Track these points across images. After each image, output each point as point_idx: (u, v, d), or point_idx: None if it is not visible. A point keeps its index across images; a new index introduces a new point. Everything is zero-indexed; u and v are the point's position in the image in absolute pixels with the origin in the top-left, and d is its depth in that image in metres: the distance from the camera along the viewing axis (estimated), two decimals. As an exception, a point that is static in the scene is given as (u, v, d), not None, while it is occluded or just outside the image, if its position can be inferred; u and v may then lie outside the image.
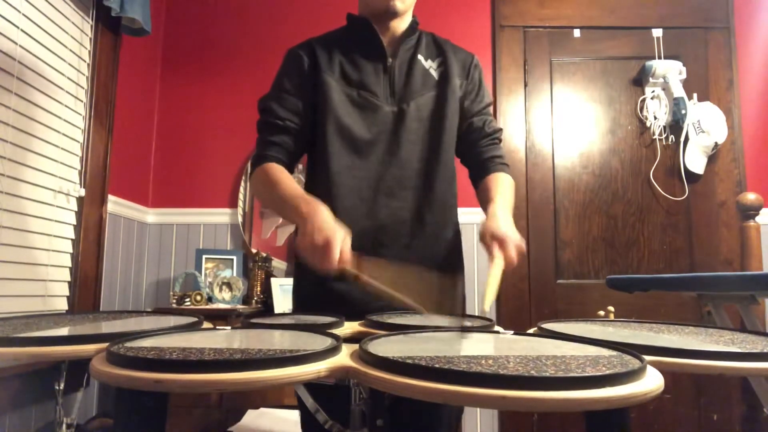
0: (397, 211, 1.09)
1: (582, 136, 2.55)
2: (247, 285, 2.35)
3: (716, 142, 2.44)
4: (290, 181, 1.04)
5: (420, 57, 1.17)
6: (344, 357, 0.59)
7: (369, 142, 1.09)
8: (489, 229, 0.95)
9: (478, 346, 0.67)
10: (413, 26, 1.18)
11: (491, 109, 1.24)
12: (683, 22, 2.58)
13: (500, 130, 1.22)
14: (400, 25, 1.16)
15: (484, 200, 1.12)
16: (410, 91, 1.13)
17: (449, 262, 1.15)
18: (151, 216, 2.48)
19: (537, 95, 2.57)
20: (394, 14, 1.13)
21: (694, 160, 2.46)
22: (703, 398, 2.35)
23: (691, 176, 2.48)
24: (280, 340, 0.69)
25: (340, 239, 0.85)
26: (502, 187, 1.12)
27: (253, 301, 2.31)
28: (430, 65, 1.17)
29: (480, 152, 1.19)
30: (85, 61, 1.98)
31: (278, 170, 1.07)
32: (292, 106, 1.12)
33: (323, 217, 0.89)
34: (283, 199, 1.01)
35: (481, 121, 1.19)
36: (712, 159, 2.49)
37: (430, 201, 1.11)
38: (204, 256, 2.35)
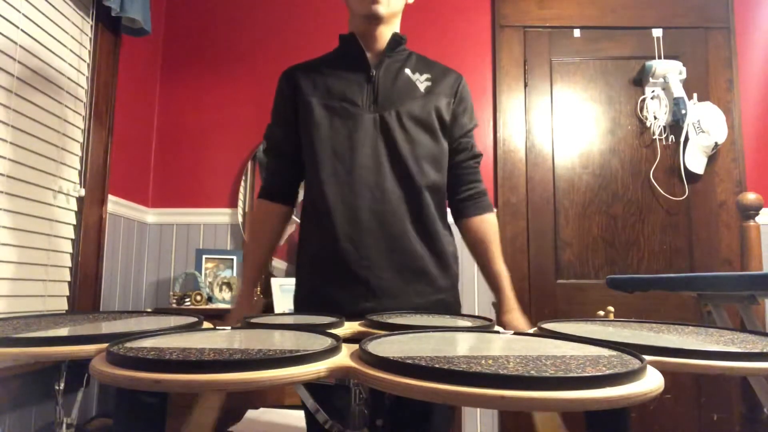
0: (383, 217, 1.10)
1: (582, 136, 2.54)
2: (247, 285, 2.34)
3: (716, 142, 2.44)
4: (255, 258, 1.26)
5: (407, 70, 1.19)
6: (344, 357, 0.59)
7: (352, 150, 1.11)
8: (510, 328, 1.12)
9: (478, 346, 0.67)
10: (397, 39, 1.19)
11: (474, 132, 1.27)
12: (683, 22, 2.58)
13: (481, 155, 1.26)
14: (385, 34, 1.19)
15: (485, 266, 1.24)
16: (393, 99, 1.14)
17: (440, 267, 1.16)
18: (151, 216, 2.48)
19: (537, 95, 2.56)
20: (377, 18, 1.14)
21: (694, 160, 2.46)
22: (703, 398, 2.35)
23: (691, 176, 2.48)
24: (280, 340, 0.69)
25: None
26: (500, 255, 1.24)
27: (254, 301, 2.31)
28: (417, 78, 1.19)
29: (465, 176, 1.22)
30: (85, 61, 1.98)
31: (262, 223, 1.24)
32: (285, 135, 1.21)
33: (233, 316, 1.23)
34: (243, 268, 1.28)
35: (468, 144, 1.23)
36: (712, 159, 2.49)
37: (417, 212, 1.12)
38: (204, 256, 2.35)
